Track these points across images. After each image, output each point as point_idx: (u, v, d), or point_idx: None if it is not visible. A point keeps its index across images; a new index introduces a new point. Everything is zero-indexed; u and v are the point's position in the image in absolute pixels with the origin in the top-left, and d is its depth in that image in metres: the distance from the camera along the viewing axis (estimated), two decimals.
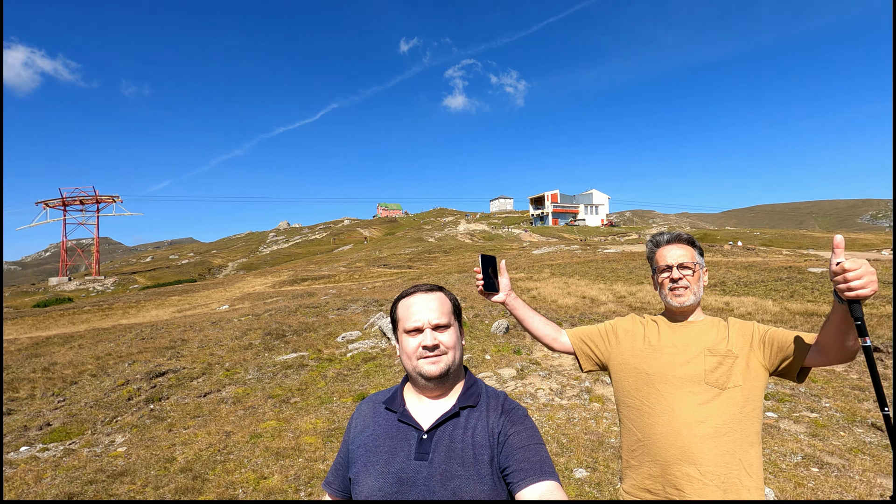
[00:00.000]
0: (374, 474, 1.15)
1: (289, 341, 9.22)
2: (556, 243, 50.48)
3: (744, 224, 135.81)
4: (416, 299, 1.27)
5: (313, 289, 26.05)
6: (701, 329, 1.69)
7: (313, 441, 4.88)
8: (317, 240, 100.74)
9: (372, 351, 8.12)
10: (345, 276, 36.65)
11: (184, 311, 22.58)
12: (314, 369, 7.46)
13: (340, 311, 12.76)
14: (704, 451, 1.54)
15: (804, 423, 5.22)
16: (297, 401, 6.28)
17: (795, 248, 40.98)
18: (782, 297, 12.85)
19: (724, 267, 19.65)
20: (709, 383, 1.58)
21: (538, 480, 1.05)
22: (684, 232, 1.82)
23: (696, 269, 1.71)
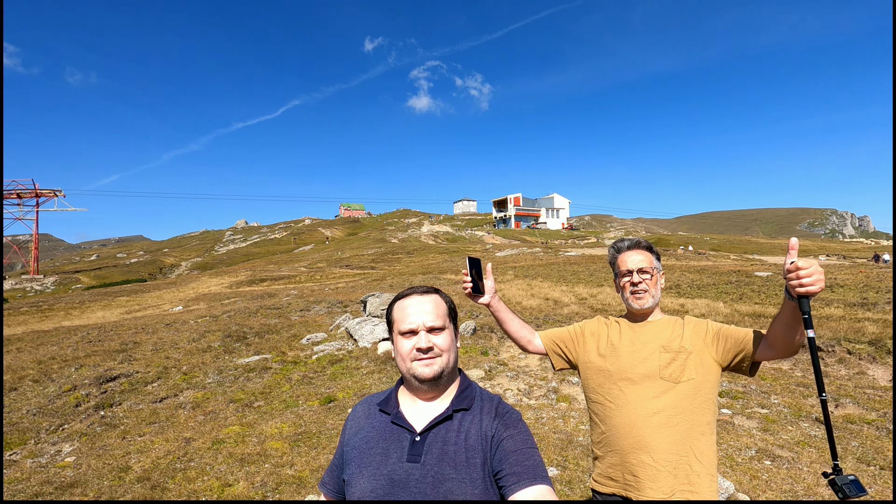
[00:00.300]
0: (366, 476, 1.14)
1: (250, 343, 8.93)
2: (519, 246, 51.28)
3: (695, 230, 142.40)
4: (411, 301, 1.26)
5: (273, 289, 25.36)
6: (657, 328, 1.81)
7: (280, 446, 4.74)
8: (276, 239, 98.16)
9: (338, 353, 7.97)
10: (306, 277, 35.87)
11: (133, 312, 21.46)
12: (278, 372, 7.25)
13: (303, 312, 12.48)
14: (657, 439, 1.66)
15: (756, 418, 5.51)
16: (261, 405, 6.08)
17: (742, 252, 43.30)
18: (732, 299, 13.54)
19: (679, 270, 20.52)
20: (663, 378, 1.70)
21: (531, 484, 1.06)
22: (643, 238, 1.93)
23: (654, 274, 1.83)
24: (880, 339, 7.70)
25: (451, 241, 72.36)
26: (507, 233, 79.81)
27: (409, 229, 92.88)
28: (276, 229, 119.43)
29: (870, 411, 5.57)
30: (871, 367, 7.12)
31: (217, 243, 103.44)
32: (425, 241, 74.17)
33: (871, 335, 8.05)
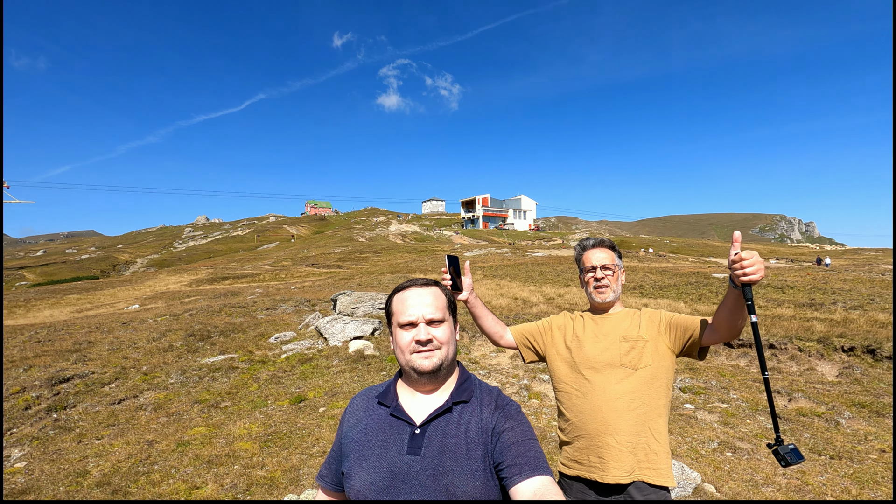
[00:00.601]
0: (366, 468, 1.14)
1: (215, 343, 8.64)
2: (487, 246, 51.70)
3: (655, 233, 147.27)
4: (411, 293, 1.26)
5: (236, 288, 24.64)
6: (617, 319, 1.94)
7: (249, 447, 4.62)
8: (239, 236, 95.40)
9: (308, 352, 7.82)
10: (270, 275, 35.04)
11: (84, 311, 20.41)
12: (245, 372, 7.05)
13: (270, 311, 12.18)
14: (620, 422, 1.78)
15: (717, 412, 5.76)
16: (228, 405, 5.90)
17: (699, 255, 45.10)
18: (692, 299, 14.09)
19: (642, 272, 21.18)
20: (623, 365, 1.82)
21: (533, 475, 1.07)
22: (606, 238, 2.05)
23: (615, 270, 1.96)
24: (828, 338, 8.17)
25: (419, 241, 72.21)
26: (476, 233, 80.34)
27: (377, 228, 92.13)
28: (239, 226, 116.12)
29: (819, 405, 5.91)
30: (820, 363, 7.55)
31: (176, 240, 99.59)
32: (393, 240, 73.76)
33: (819, 333, 8.53)
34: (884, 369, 7.10)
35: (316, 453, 4.47)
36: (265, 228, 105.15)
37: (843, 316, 10.34)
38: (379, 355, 7.69)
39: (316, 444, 4.69)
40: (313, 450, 4.55)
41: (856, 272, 20.44)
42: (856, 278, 17.72)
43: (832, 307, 11.68)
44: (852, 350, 7.69)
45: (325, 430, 5.04)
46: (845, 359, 7.52)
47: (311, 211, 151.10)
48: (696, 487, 3.73)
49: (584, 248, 2.03)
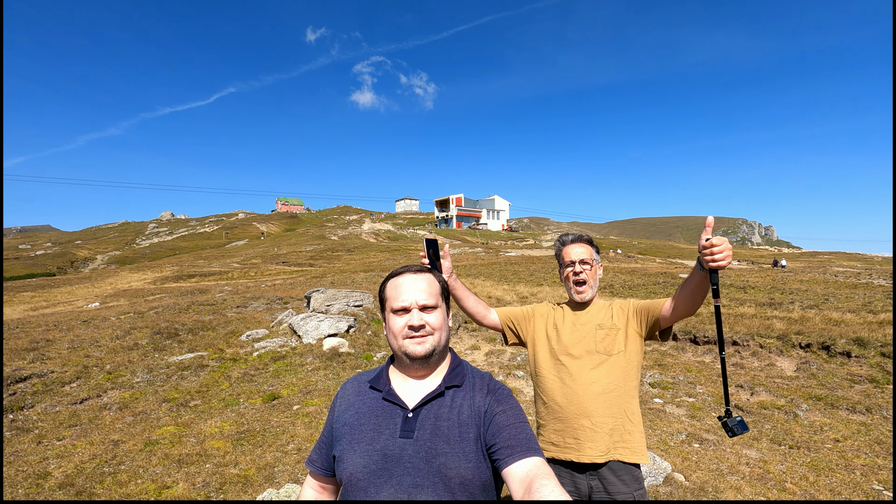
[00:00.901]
0: (358, 451, 1.14)
1: (183, 341, 8.39)
2: (461, 245, 51.88)
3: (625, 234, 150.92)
4: (404, 279, 1.27)
5: (204, 286, 23.97)
6: (594, 310, 2.05)
7: (221, 445, 4.51)
8: (206, 233, 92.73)
9: (281, 350, 7.68)
10: (239, 273, 34.25)
11: (40, 309, 19.47)
12: (216, 370, 6.88)
13: (240, 308, 11.90)
14: (596, 405, 1.87)
15: (685, 406, 5.96)
16: (198, 404, 5.74)
17: (666, 256, 46.41)
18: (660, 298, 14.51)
19: (612, 272, 21.67)
20: (598, 351, 1.93)
21: (525, 456, 1.09)
22: (585, 234, 2.13)
23: (593, 265, 2.04)
24: (786, 335, 8.56)
25: (392, 240, 71.84)
26: (449, 233, 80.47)
27: (350, 227, 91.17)
28: (207, 223, 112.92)
29: (779, 398, 6.19)
30: (780, 359, 7.91)
31: (139, 236, 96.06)
32: (366, 238, 73.13)
33: (778, 331, 8.92)
34: (837, 364, 7.48)
35: (291, 451, 4.40)
36: (234, 225, 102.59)
37: (801, 314, 10.85)
38: (354, 353, 7.63)
39: (290, 441, 4.62)
40: (288, 447, 4.48)
41: (811, 274, 21.46)
42: (811, 279, 18.61)
43: (790, 306, 12.23)
44: (809, 346, 8.08)
45: (299, 427, 4.97)
46: (802, 355, 7.89)
47: (282, 208, 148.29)
48: (666, 476, 3.85)
49: (564, 243, 2.10)
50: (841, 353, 7.71)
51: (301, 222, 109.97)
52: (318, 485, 1.32)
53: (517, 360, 8.15)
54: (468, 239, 69.43)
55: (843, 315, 10.51)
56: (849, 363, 7.45)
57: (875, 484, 3.97)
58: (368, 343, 8.20)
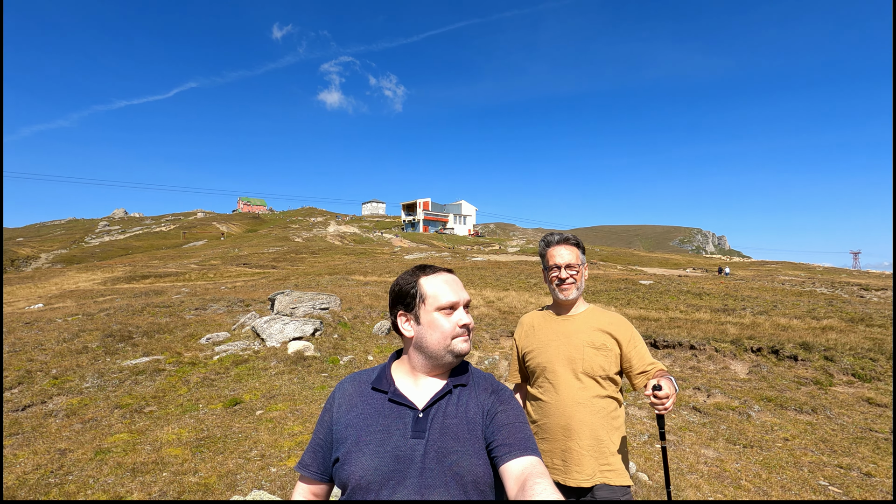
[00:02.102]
0: (368, 453, 1.12)
1: (138, 344, 7.99)
2: (427, 249, 51.87)
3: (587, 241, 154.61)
4: (447, 277, 1.26)
5: (159, 287, 22.95)
6: (582, 320, 1.96)
7: (179, 453, 4.32)
8: (162, 232, 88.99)
9: (243, 353, 7.44)
10: (198, 275, 32.99)
11: None
12: (173, 374, 6.58)
13: (199, 311, 11.46)
14: (583, 428, 1.85)
15: (645, 408, 6.13)
16: (154, 410, 5.48)
17: (626, 264, 47.85)
18: (622, 304, 14.94)
19: None
20: (586, 371, 1.88)
21: (522, 455, 1.10)
22: (571, 234, 2.06)
23: (580, 269, 1.97)
24: (739, 339, 8.97)
25: (358, 243, 71.01)
26: (416, 236, 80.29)
27: (315, 228, 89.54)
28: (163, 222, 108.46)
29: (733, 399, 6.47)
30: (733, 362, 8.28)
31: (89, 234, 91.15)
32: (331, 241, 71.96)
33: (732, 336, 9.34)
34: (785, 367, 7.90)
35: (254, 457, 4.26)
36: (192, 225, 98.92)
37: (752, 320, 11.40)
38: (320, 357, 7.48)
39: (254, 447, 4.47)
40: (251, 454, 4.34)
41: (761, 282, 22.62)
42: (761, 287, 19.61)
43: (742, 312, 12.84)
44: (760, 350, 8.50)
45: (262, 433, 4.82)
46: (754, 358, 8.29)
47: (244, 208, 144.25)
48: (631, 475, 3.95)
49: (549, 244, 2.03)
50: (789, 357, 8.14)
51: (264, 223, 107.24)
52: (310, 490, 1.27)
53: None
54: (435, 243, 69.47)
55: (790, 321, 11.12)
56: (796, 366, 7.88)
57: (821, 480, 4.20)
58: (335, 347, 8.05)
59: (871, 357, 7.88)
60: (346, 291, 15.67)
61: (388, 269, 28.94)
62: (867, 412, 6.09)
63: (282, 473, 3.94)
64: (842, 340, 8.72)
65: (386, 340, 8.83)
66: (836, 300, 15.62)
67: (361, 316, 10.37)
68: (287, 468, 4.02)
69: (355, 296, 14.62)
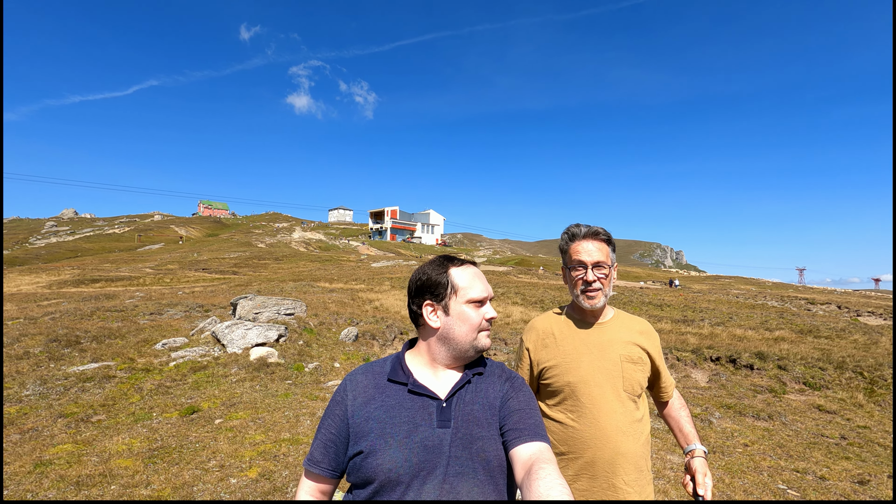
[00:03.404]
0: (395, 446, 1.10)
1: (86, 349, 7.50)
2: (395, 258, 51.52)
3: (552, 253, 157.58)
4: (476, 271, 1.27)
5: (111, 291, 21.82)
6: (613, 330, 1.66)
7: (130, 464, 4.04)
8: (116, 235, 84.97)
9: (202, 360, 7.10)
10: (153, 279, 31.59)
11: None
12: (125, 381, 6.20)
13: (155, 315, 10.92)
14: (627, 462, 1.55)
15: None
16: (103, 419, 5.13)
17: None
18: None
19: (542, 287, 22.45)
20: (626, 391, 1.59)
21: (531, 440, 1.10)
22: (601, 228, 1.68)
23: (609, 271, 1.64)
24: (699, 349, 9.26)
25: (324, 250, 69.86)
26: (383, 245, 79.73)
27: (279, 234, 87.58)
28: (117, 223, 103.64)
29: (696, 406, 6.64)
30: (694, 371, 8.52)
31: (33, 235, 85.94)
32: (296, 247, 70.50)
33: (692, 345, 9.64)
34: (742, 376, 8.19)
35: (212, 468, 4.03)
36: (148, 228, 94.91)
37: (710, 331, 11.82)
38: (284, 363, 7.22)
39: (212, 458, 4.23)
40: (209, 464, 4.10)
41: (716, 295, 23.56)
42: (717, 300, 20.41)
43: (701, 323, 13.30)
44: (718, 360, 8.79)
45: (222, 443, 4.58)
46: (713, 367, 8.56)
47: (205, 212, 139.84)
48: None
49: (574, 237, 1.67)
50: (745, 366, 8.45)
51: (226, 227, 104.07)
52: (318, 489, 1.20)
53: None
54: (402, 252, 69.15)
55: (745, 332, 11.58)
56: (752, 375, 8.19)
57: (780, 483, 4.34)
58: (300, 353, 7.80)
59: (819, 366, 8.28)
60: (312, 298, 15.33)
61: (355, 276, 28.54)
62: (818, 418, 6.38)
63: (243, 485, 3.74)
64: (793, 351, 9.14)
65: (353, 348, 8.64)
66: (786, 313, 16.43)
67: (328, 322, 10.13)
68: (249, 479, 3.83)
69: (321, 302, 14.30)
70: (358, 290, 19.82)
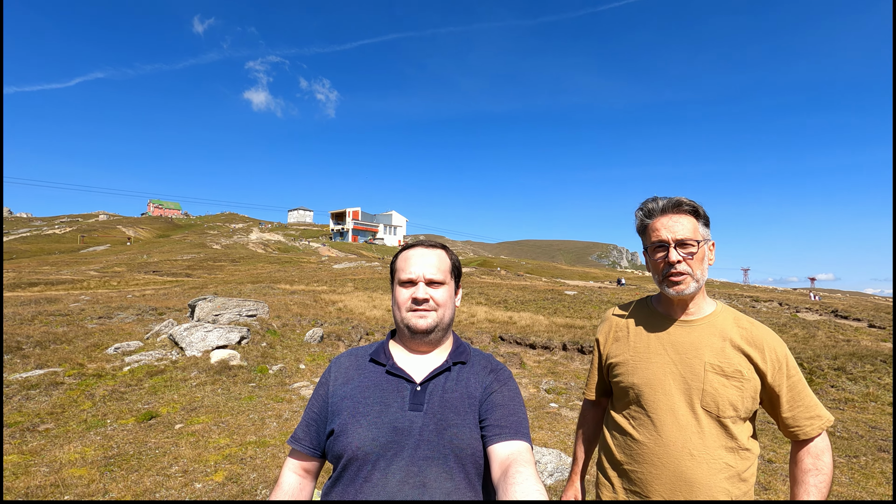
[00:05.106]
0: (365, 424, 1.09)
1: (29, 355, 7.03)
2: (357, 259, 50.91)
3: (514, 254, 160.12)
4: (415, 252, 1.25)
5: (52, 295, 20.49)
6: (705, 331, 1.32)
7: (84, 473, 3.84)
8: (56, 235, 79.84)
9: (159, 364, 6.80)
10: (98, 282, 29.94)
11: None
12: (75, 388, 5.86)
13: (104, 319, 10.37)
14: (696, 491, 1.23)
15: (576, 409, 6.39)
16: (51, 428, 4.84)
17: (550, 276, 50.07)
18: (549, 312, 15.55)
19: (506, 288, 22.77)
20: (705, 407, 1.25)
21: (512, 439, 1.07)
22: (685, 199, 1.35)
23: (699, 247, 1.30)
24: None
25: (283, 251, 68.14)
26: (344, 246, 78.61)
27: (236, 235, 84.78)
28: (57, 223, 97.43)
29: None
30: None
31: None
32: (254, 249, 68.43)
33: None
34: None
35: (175, 473, 3.88)
36: (92, 228, 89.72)
37: None
38: (247, 366, 7.02)
39: (174, 463, 4.08)
40: (171, 470, 3.95)
41: None
42: None
43: None
44: None
45: (184, 448, 4.41)
46: None
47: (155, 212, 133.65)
48: None
49: (651, 213, 1.36)
50: None
51: (178, 228, 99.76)
52: (301, 466, 1.21)
53: None
54: (364, 253, 68.42)
55: None
56: None
57: None
58: (263, 355, 7.61)
59: None
60: (273, 300, 14.95)
61: (317, 278, 28.01)
62: None
63: (209, 489, 3.62)
64: None
65: (319, 349, 8.49)
66: None
67: (291, 324, 9.91)
68: (215, 483, 3.71)
69: (283, 304, 13.98)
70: (320, 292, 19.48)
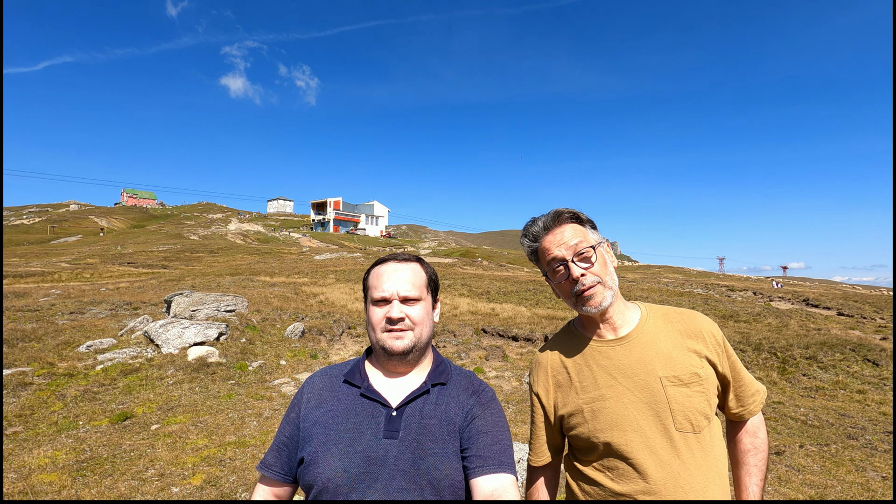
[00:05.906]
0: (336, 454, 1.02)
1: None
2: (338, 250, 50.45)
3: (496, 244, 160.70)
4: (387, 268, 1.17)
5: (20, 289, 19.81)
6: (647, 340, 1.18)
7: (55, 478, 3.71)
8: (24, 226, 77.16)
9: (134, 362, 6.62)
10: (70, 275, 29.04)
11: None
12: (44, 388, 5.66)
13: (76, 315, 10.05)
14: None
15: None
16: (19, 430, 4.67)
17: (532, 267, 50.50)
18: (531, 304, 15.65)
19: (488, 279, 22.83)
20: (680, 429, 1.10)
21: (495, 472, 1.02)
22: (564, 209, 1.25)
23: (596, 251, 1.18)
24: None
25: (263, 242, 67.12)
26: (325, 236, 77.81)
27: (214, 226, 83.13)
28: (25, 213, 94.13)
29: None
30: None
31: None
32: (233, 239, 67.23)
33: None
34: None
35: (151, 477, 3.79)
36: (63, 218, 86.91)
37: None
38: (226, 362, 6.88)
39: (150, 466, 3.97)
40: (147, 474, 3.85)
41: (649, 283, 25.03)
42: (650, 288, 21.68)
43: None
44: None
45: (161, 450, 4.31)
46: None
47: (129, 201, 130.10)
48: None
49: (536, 237, 1.25)
50: None
51: (153, 218, 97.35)
52: (272, 493, 1.14)
53: None
54: (346, 244, 67.86)
55: None
56: None
57: None
58: (243, 351, 7.47)
59: (741, 348, 9.03)
60: (253, 293, 14.72)
61: (297, 269, 27.67)
62: None
63: (186, 493, 3.54)
64: None
65: (300, 344, 8.38)
66: (710, 299, 17.74)
67: (271, 319, 9.76)
68: (193, 486, 3.63)
69: (263, 297, 13.77)
70: (301, 284, 19.24)
